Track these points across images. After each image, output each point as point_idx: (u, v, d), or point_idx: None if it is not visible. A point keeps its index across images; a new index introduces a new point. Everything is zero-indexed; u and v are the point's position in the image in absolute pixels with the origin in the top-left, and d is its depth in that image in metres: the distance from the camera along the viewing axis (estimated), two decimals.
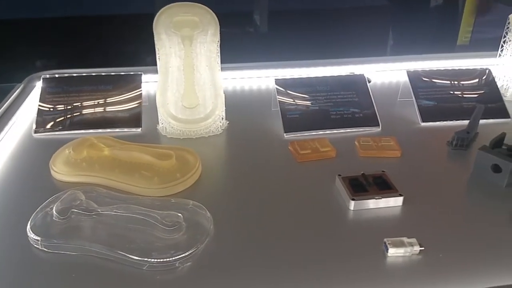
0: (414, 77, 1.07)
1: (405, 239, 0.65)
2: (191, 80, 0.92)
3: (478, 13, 2.26)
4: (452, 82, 1.08)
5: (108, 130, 0.94)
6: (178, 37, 0.92)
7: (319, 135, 0.96)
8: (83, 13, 1.42)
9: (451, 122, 1.01)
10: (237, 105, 1.07)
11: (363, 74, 1.06)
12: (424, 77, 1.07)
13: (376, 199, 0.73)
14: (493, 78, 1.09)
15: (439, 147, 0.93)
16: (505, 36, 1.14)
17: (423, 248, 0.64)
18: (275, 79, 1.03)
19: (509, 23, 1.13)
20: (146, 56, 1.18)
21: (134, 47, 1.47)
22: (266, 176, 0.84)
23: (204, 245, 0.65)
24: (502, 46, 1.15)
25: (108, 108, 0.98)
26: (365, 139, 0.92)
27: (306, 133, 0.96)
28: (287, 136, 0.95)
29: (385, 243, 0.65)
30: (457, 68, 1.14)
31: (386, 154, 0.88)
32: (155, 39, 0.93)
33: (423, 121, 1.01)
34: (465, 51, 2.27)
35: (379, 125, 0.98)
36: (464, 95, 1.06)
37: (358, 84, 1.04)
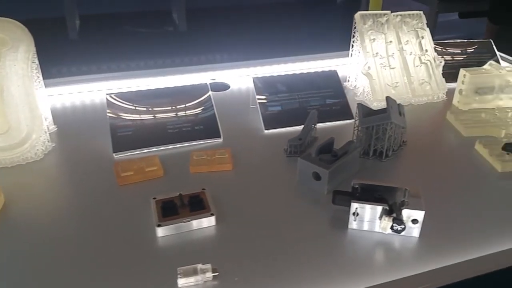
0: (259, 83, 1.04)
1: (199, 266, 0.61)
2: None
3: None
4: (298, 86, 1.06)
5: None
6: None
7: (156, 152, 0.90)
8: None
9: (297, 127, 0.99)
10: (71, 124, 1.00)
11: (206, 83, 1.02)
12: (269, 83, 1.05)
13: (184, 222, 0.70)
14: (339, 79, 1.09)
15: (277, 155, 0.91)
16: (353, 36, 1.15)
17: (217, 274, 0.61)
18: (107, 93, 0.96)
19: (355, 23, 1.14)
20: None
21: None
22: (81, 204, 0.77)
23: None
24: (353, 46, 1.17)
25: None
26: (199, 154, 0.88)
27: (145, 150, 0.90)
28: (117, 156, 0.89)
29: (178, 272, 0.61)
30: (302, 71, 1.13)
31: (217, 168, 0.85)
32: None
33: (266, 128, 0.98)
34: None
35: (220, 137, 0.94)
36: (310, 99, 1.05)
37: (200, 93, 0.99)
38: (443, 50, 1.27)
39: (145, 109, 0.95)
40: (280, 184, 0.83)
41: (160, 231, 0.68)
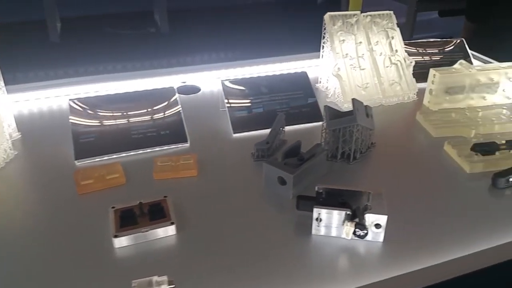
0: (228, 86, 1.02)
1: (154, 278, 0.59)
2: None
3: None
4: (268, 89, 1.04)
5: None
6: None
7: (119, 158, 0.87)
8: None
9: (267, 130, 0.95)
10: (35, 130, 0.97)
11: (173, 87, 0.99)
12: (238, 86, 1.03)
13: (142, 232, 0.67)
14: (309, 81, 1.08)
15: (244, 160, 0.89)
16: (323, 37, 1.14)
17: (173, 286, 0.59)
18: (69, 98, 0.93)
19: (325, 24, 1.13)
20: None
21: None
22: (40, 214, 0.75)
23: None
24: (323, 47, 1.15)
25: None
26: (163, 159, 0.85)
27: (108, 157, 0.88)
28: (79, 163, 0.86)
29: (132, 285, 0.59)
30: (275, 73, 1.11)
31: (182, 175, 0.82)
32: None
33: (235, 132, 0.96)
34: None
35: (187, 141, 0.92)
36: (280, 101, 1.03)
37: (167, 97, 0.97)
38: (415, 50, 1.26)
39: (108, 114, 0.92)
40: (246, 190, 0.81)
41: (117, 242, 0.66)
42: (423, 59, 1.26)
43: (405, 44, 1.18)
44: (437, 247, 0.69)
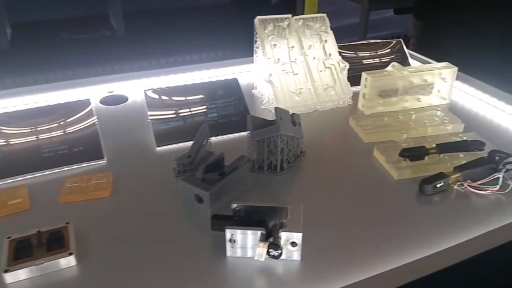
0: (152, 96, 0.96)
1: None
2: None
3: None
4: (196, 97, 1.00)
5: None
6: None
7: (28, 180, 0.80)
8: None
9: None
10: None
11: (88, 99, 0.93)
12: (164, 95, 0.98)
13: (37, 265, 0.61)
14: (240, 88, 1.03)
15: (166, 176, 0.83)
16: (256, 42, 1.10)
17: None
18: None
19: (256, 28, 1.09)
20: None
21: None
22: None
23: None
24: (256, 52, 1.12)
25: None
26: (73, 180, 0.78)
27: (14, 179, 0.80)
28: None
29: None
30: (211, 80, 1.08)
31: (92, 196, 0.76)
32: None
33: (158, 145, 0.90)
34: None
35: (103, 158, 0.86)
36: (209, 110, 0.99)
37: (80, 110, 0.90)
38: (351, 53, 1.24)
39: (17, 132, 0.85)
40: (164, 209, 0.75)
41: (9, 277, 0.59)
42: (358, 62, 1.24)
43: (340, 47, 1.16)
44: (361, 261, 0.66)
